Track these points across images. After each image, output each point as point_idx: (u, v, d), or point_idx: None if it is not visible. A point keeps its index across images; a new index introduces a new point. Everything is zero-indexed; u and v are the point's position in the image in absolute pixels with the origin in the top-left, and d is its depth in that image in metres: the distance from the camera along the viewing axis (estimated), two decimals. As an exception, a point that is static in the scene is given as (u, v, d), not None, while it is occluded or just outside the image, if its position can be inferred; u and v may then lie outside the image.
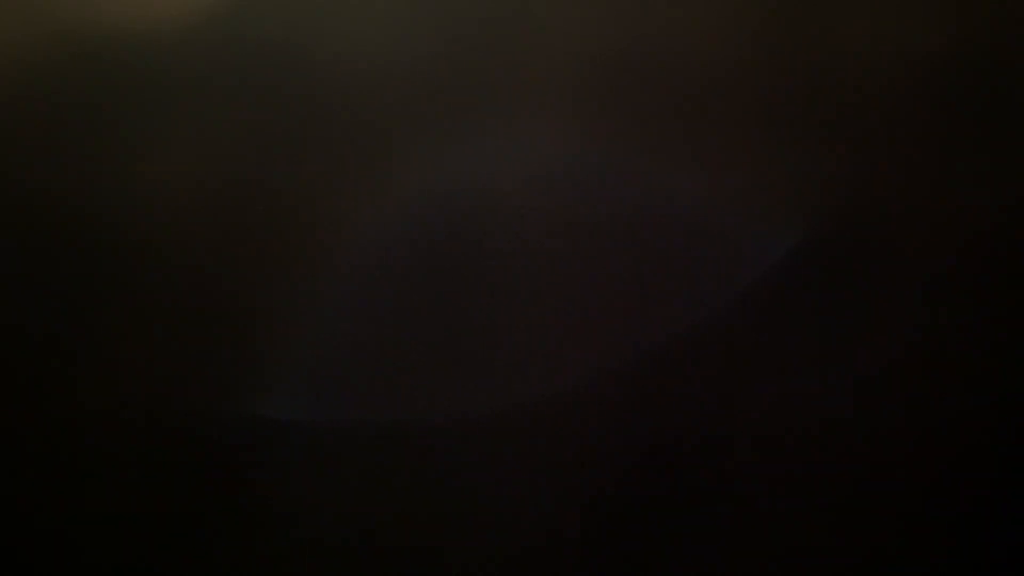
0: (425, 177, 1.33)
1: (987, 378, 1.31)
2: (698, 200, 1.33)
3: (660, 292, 1.32)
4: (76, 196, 1.33)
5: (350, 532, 1.30)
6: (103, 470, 1.30)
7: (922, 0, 1.35)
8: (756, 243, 1.32)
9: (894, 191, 1.33)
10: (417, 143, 1.33)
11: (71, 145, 1.34)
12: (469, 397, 1.31)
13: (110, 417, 1.31)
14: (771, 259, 1.32)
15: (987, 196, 1.33)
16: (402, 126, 1.33)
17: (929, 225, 1.33)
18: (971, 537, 1.30)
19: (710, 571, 1.30)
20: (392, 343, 1.32)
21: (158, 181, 1.33)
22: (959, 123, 1.34)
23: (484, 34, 1.34)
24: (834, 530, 1.30)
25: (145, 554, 1.29)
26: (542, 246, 1.32)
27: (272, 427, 1.30)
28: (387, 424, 1.31)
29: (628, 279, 1.33)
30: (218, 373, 1.31)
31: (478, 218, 1.33)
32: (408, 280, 1.32)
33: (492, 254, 1.32)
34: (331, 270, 1.32)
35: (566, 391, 1.31)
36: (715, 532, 1.30)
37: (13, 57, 1.34)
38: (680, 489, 1.30)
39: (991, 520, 1.30)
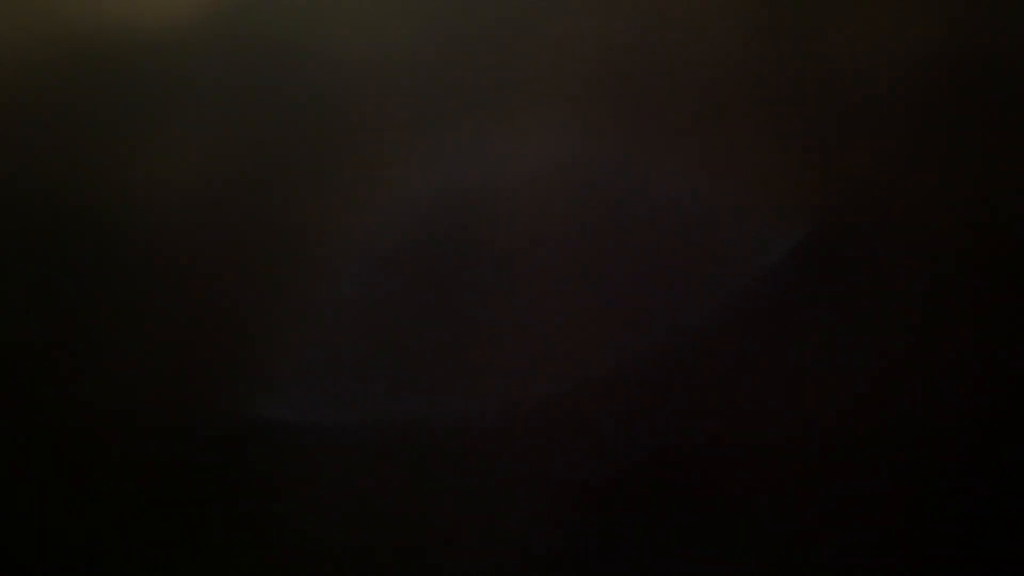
0: (426, 176, 1.33)
1: (987, 378, 1.31)
2: (699, 200, 1.33)
3: (660, 292, 1.33)
4: (76, 196, 1.33)
5: (350, 531, 1.30)
6: (102, 470, 1.30)
7: (922, 0, 1.36)
8: (756, 243, 1.33)
9: (894, 191, 1.33)
10: (418, 142, 1.33)
11: (71, 145, 1.34)
12: (469, 397, 1.31)
13: (109, 417, 1.31)
14: (771, 259, 1.32)
15: (987, 195, 1.33)
16: (403, 125, 1.34)
17: (929, 225, 1.33)
18: (972, 537, 1.30)
19: (710, 571, 1.30)
20: (392, 343, 1.32)
21: (158, 181, 1.33)
22: (959, 123, 1.34)
23: (486, 33, 1.35)
24: (835, 530, 1.30)
25: (144, 553, 1.29)
26: (543, 246, 1.33)
27: (272, 427, 1.30)
28: (387, 424, 1.31)
29: (628, 279, 1.33)
30: (218, 373, 1.31)
31: (478, 218, 1.33)
32: (409, 280, 1.33)
33: (492, 254, 1.32)
34: (332, 270, 1.32)
35: (567, 391, 1.31)
36: (716, 532, 1.30)
37: (13, 57, 1.35)
38: (681, 489, 1.30)
39: (992, 520, 1.30)
